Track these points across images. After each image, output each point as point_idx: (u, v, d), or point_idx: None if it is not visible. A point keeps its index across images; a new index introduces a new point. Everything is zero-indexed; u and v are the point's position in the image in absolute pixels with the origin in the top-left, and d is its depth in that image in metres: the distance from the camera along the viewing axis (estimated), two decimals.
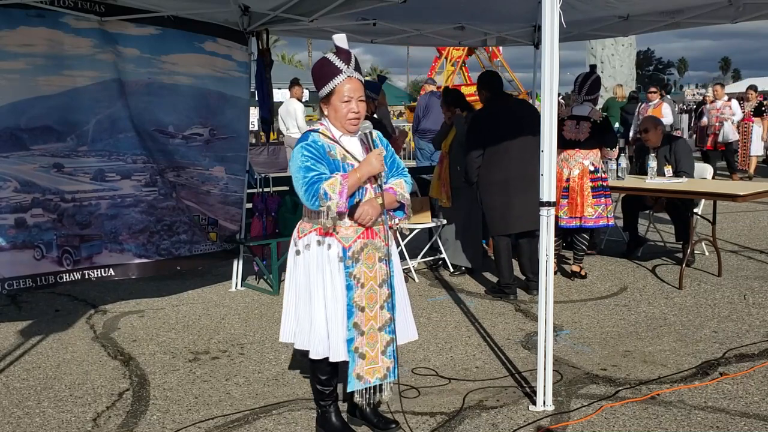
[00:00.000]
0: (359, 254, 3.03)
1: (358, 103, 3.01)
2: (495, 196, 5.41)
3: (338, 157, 3.00)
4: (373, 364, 3.07)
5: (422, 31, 6.94)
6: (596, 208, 5.85)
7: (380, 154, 3.03)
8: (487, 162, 5.41)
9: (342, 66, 2.98)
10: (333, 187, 2.88)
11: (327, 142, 3.01)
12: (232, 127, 5.84)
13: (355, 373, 3.04)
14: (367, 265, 3.05)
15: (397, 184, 3.12)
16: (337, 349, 3.02)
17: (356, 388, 3.06)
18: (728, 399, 3.57)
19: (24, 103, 4.63)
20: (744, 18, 6.31)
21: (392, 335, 3.11)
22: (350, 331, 3.02)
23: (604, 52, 18.48)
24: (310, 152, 2.95)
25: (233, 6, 5.39)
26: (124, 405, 3.65)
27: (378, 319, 3.08)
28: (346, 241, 3.01)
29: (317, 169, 2.92)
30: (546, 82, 3.26)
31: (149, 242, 5.33)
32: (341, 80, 2.98)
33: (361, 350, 3.04)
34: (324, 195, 2.87)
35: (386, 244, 3.11)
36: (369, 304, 3.05)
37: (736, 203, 6.70)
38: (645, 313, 5.12)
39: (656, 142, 6.61)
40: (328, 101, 3.03)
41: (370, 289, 3.06)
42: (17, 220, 4.66)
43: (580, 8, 5.87)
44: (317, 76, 3.04)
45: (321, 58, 3.08)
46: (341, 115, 3.01)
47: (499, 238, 5.53)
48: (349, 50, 3.05)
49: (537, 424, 3.31)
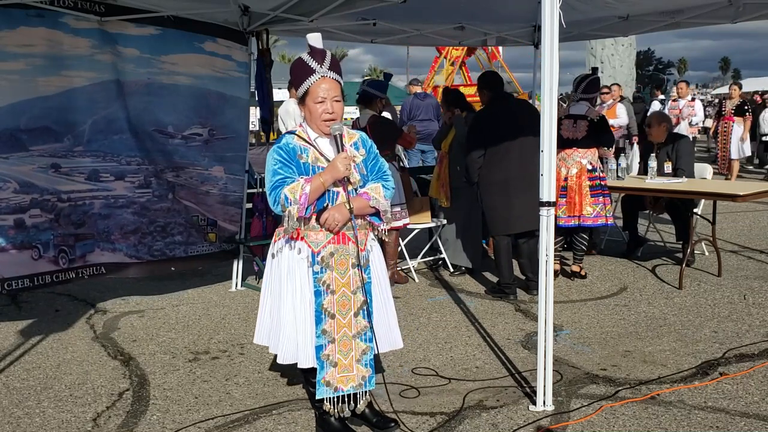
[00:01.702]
0: (329, 259, 2.98)
1: (333, 103, 2.95)
2: (495, 196, 5.41)
3: (309, 160, 2.95)
4: (347, 372, 3.02)
5: (422, 31, 6.94)
6: (595, 207, 5.85)
7: (346, 157, 2.93)
8: (488, 162, 5.41)
9: (315, 66, 2.93)
10: (294, 191, 2.84)
11: (300, 144, 2.97)
12: (232, 127, 5.84)
13: (324, 380, 2.99)
14: (339, 271, 2.99)
15: (372, 189, 3.04)
16: (306, 355, 2.98)
17: (325, 395, 3.01)
18: (728, 399, 3.56)
19: (23, 103, 4.63)
20: (744, 18, 6.32)
21: (369, 343, 3.06)
22: (319, 338, 2.98)
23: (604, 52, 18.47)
24: (280, 155, 2.92)
25: (233, 6, 5.39)
26: (124, 405, 3.65)
27: (352, 327, 3.03)
28: (315, 245, 2.97)
29: (283, 173, 2.88)
30: (546, 82, 3.26)
31: (141, 243, 5.33)
32: (315, 80, 2.93)
33: (332, 358, 2.99)
34: (285, 200, 2.84)
35: (362, 249, 3.03)
36: (341, 311, 3.00)
37: (736, 203, 6.70)
38: (645, 313, 5.12)
39: (660, 138, 6.61)
40: (303, 102, 2.99)
41: (342, 296, 3.00)
42: (16, 221, 4.67)
43: (580, 8, 5.88)
44: (293, 77, 3.01)
45: (296, 59, 3.04)
46: (315, 116, 2.96)
47: (499, 238, 5.53)
48: (325, 50, 3.00)
49: (537, 424, 3.31)
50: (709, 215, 6.38)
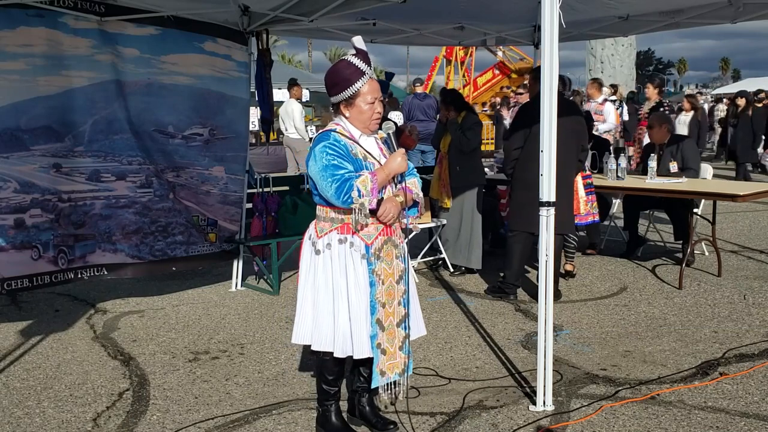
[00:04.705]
0: (380, 251, 3.05)
1: (379, 103, 3.05)
2: (525, 192, 5.24)
3: (360, 156, 3.00)
4: (393, 359, 3.09)
5: (422, 31, 6.94)
6: (586, 206, 5.86)
7: (404, 153, 3.06)
8: (526, 158, 5.26)
9: (364, 67, 2.99)
10: (365, 184, 2.89)
11: (347, 142, 3.01)
12: (232, 127, 5.84)
13: (378, 368, 3.05)
14: (387, 262, 3.07)
15: (412, 183, 3.15)
16: (361, 347, 3.02)
17: (381, 383, 3.08)
18: (728, 399, 3.57)
19: (24, 103, 4.63)
20: (744, 18, 6.32)
21: (407, 331, 3.14)
22: (373, 327, 3.03)
23: (604, 52, 18.49)
24: (334, 150, 2.94)
25: (233, 6, 5.39)
26: (124, 405, 3.65)
27: (396, 315, 3.10)
28: (368, 238, 3.02)
29: (345, 167, 2.91)
30: (546, 82, 3.26)
31: (142, 243, 5.33)
32: (364, 82, 2.98)
33: (383, 346, 3.06)
34: (358, 192, 2.87)
35: (401, 240, 3.15)
36: (388, 300, 3.07)
37: (736, 203, 6.70)
38: (645, 313, 5.12)
39: (661, 140, 6.61)
40: (351, 103, 3.01)
41: (389, 286, 3.08)
42: (16, 221, 4.67)
43: (580, 8, 5.87)
44: (338, 78, 3.00)
45: (340, 60, 3.05)
46: (366, 116, 3.02)
47: (515, 236, 5.47)
48: (367, 52, 3.05)
49: (537, 424, 3.31)
50: (709, 215, 6.38)
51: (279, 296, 5.76)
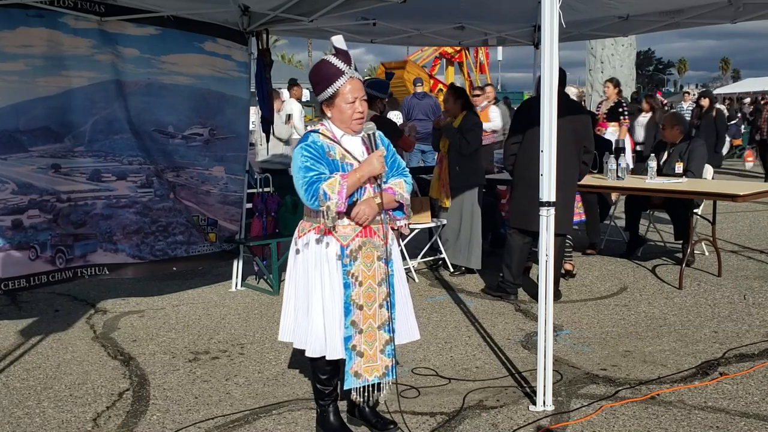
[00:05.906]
0: (357, 252, 3.04)
1: (361, 102, 3.03)
2: (524, 190, 5.26)
3: (337, 157, 3.01)
4: (372, 362, 3.08)
5: (422, 31, 6.94)
6: (576, 205, 5.88)
7: (381, 154, 3.04)
8: (524, 155, 5.26)
9: (343, 67, 2.99)
10: (332, 186, 2.90)
11: (327, 143, 3.02)
12: (232, 127, 5.84)
13: (352, 370, 3.05)
14: (365, 263, 3.06)
15: (396, 184, 3.13)
16: (334, 347, 3.03)
17: (353, 385, 3.07)
18: (728, 399, 3.57)
19: (23, 104, 4.63)
20: (744, 18, 6.32)
21: (391, 334, 3.12)
22: (348, 329, 3.03)
23: (604, 52, 18.46)
24: (309, 152, 2.97)
25: (233, 6, 5.39)
26: (124, 405, 3.65)
27: (377, 318, 3.09)
28: (344, 239, 3.03)
29: (317, 169, 2.93)
30: (546, 82, 3.26)
31: (143, 243, 5.33)
32: (344, 81, 2.98)
33: (359, 348, 3.05)
34: (323, 195, 2.89)
35: (385, 243, 3.12)
36: (367, 302, 3.06)
37: (736, 203, 6.70)
38: (645, 313, 5.12)
39: (673, 139, 6.63)
40: (331, 103, 3.03)
41: (369, 288, 3.07)
42: (14, 222, 4.66)
43: (579, 8, 5.87)
44: (318, 78, 3.03)
45: (320, 60, 3.09)
46: (347, 116, 3.02)
47: (513, 234, 5.47)
48: (348, 51, 3.06)
49: (537, 424, 3.31)
50: (709, 215, 6.38)
51: (279, 296, 5.75)
